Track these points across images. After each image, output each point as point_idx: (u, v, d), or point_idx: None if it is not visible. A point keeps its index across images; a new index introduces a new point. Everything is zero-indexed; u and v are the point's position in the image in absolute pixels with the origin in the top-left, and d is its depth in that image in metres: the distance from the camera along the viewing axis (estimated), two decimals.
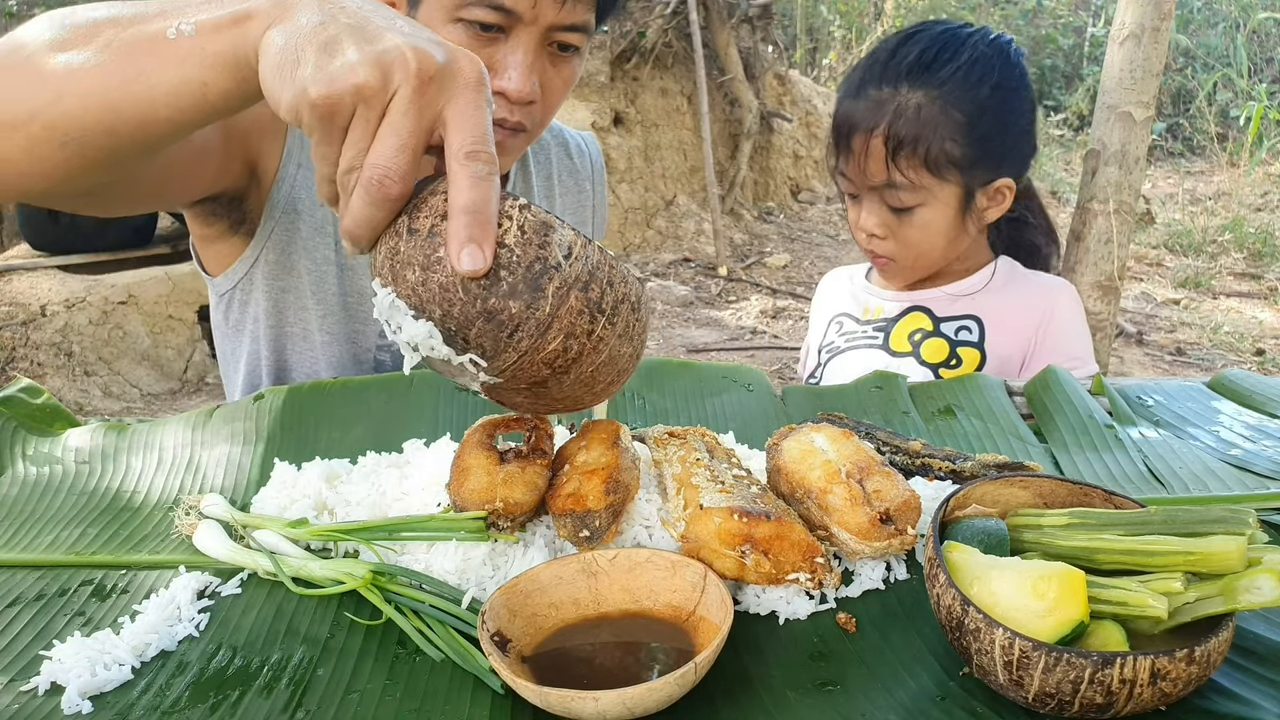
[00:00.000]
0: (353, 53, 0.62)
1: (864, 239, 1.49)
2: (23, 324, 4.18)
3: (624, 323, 0.68)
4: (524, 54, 1.14)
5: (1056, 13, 10.18)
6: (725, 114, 6.72)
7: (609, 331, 0.67)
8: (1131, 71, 2.15)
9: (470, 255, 0.61)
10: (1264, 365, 4.79)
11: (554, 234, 0.64)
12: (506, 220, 0.63)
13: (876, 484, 0.79)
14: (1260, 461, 0.97)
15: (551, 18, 1.13)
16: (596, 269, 0.66)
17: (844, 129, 1.43)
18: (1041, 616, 0.61)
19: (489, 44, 1.14)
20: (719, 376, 1.19)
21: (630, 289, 0.68)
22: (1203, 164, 8.89)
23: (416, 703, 0.66)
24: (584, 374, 0.68)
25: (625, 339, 0.69)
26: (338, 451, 0.99)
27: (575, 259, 0.65)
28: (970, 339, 1.48)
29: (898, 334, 1.52)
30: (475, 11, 1.11)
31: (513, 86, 1.14)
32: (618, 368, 0.70)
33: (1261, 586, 0.59)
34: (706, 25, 6.32)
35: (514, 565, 0.77)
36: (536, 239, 0.64)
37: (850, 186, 1.47)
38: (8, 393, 1.10)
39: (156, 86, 0.74)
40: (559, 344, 0.65)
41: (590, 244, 0.66)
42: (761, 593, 0.74)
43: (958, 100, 1.36)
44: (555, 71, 1.20)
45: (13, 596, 0.80)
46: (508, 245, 0.63)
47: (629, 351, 0.70)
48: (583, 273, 0.65)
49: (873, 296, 1.60)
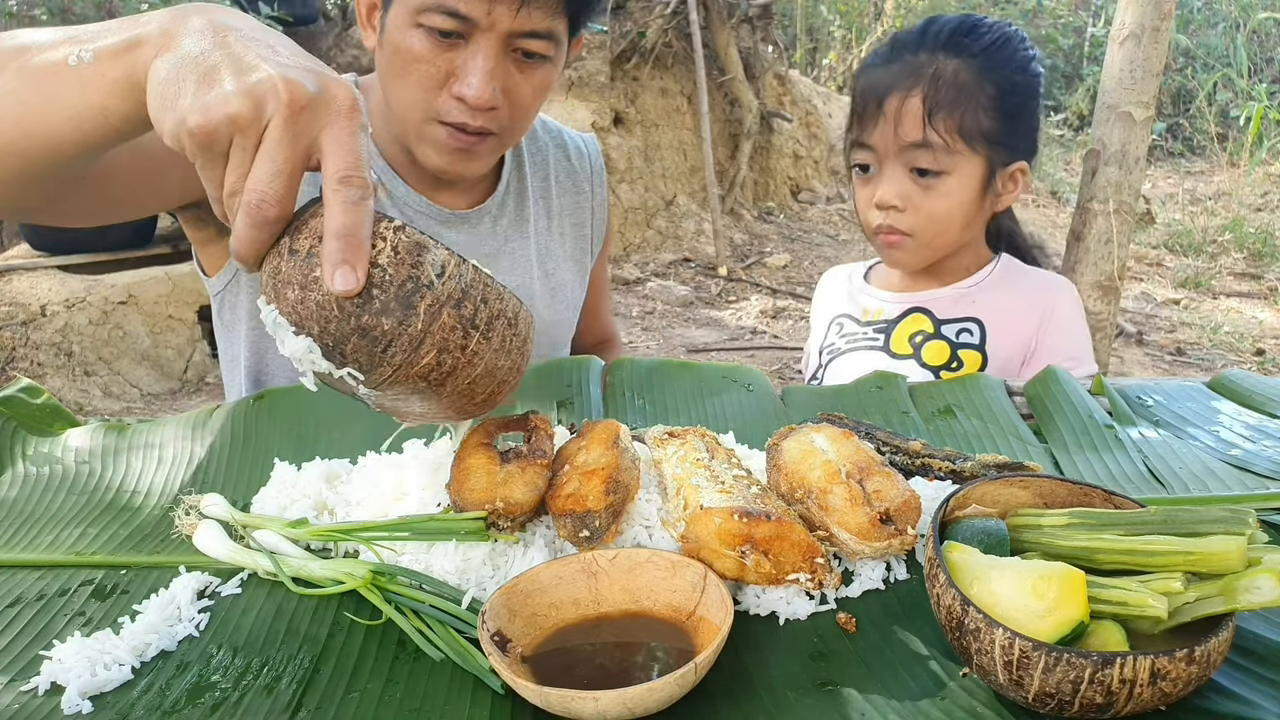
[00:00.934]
0: (229, 83, 0.65)
1: (876, 218, 1.45)
2: (23, 324, 4.18)
3: (500, 337, 0.71)
4: (483, 60, 1.15)
5: (1056, 13, 10.18)
6: (725, 114, 6.72)
7: (484, 346, 0.69)
8: (1131, 71, 2.15)
9: (343, 276, 0.64)
10: (1264, 365, 4.79)
11: (427, 254, 0.67)
12: (380, 241, 0.66)
13: (876, 484, 0.79)
14: (1260, 461, 0.97)
15: (509, 24, 1.14)
16: (470, 287, 0.68)
17: (874, 93, 1.40)
18: (1041, 616, 0.61)
19: (449, 49, 1.16)
20: (719, 376, 1.19)
21: (506, 305, 0.71)
22: (1203, 164, 8.89)
23: (416, 703, 0.66)
24: (461, 386, 0.70)
25: (503, 353, 0.71)
26: (338, 451, 0.99)
27: (448, 278, 0.67)
28: (971, 341, 1.47)
29: (898, 336, 1.51)
30: (433, 18, 1.14)
31: (471, 92, 1.16)
32: (497, 379, 0.73)
33: (1261, 586, 0.59)
34: (706, 25, 6.31)
35: (514, 565, 0.77)
36: (409, 259, 0.66)
37: (870, 157, 1.44)
38: (8, 393, 1.10)
39: (61, 112, 0.77)
40: (432, 358, 0.67)
41: (465, 263, 0.69)
42: (761, 593, 0.74)
43: (990, 73, 1.38)
44: (523, 78, 1.21)
45: (13, 596, 0.80)
46: (380, 265, 0.65)
47: (508, 364, 0.73)
48: (455, 290, 0.67)
49: (871, 298, 1.59)
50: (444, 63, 1.17)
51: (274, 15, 4.92)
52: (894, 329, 1.52)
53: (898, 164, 1.41)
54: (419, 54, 1.17)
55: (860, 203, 1.49)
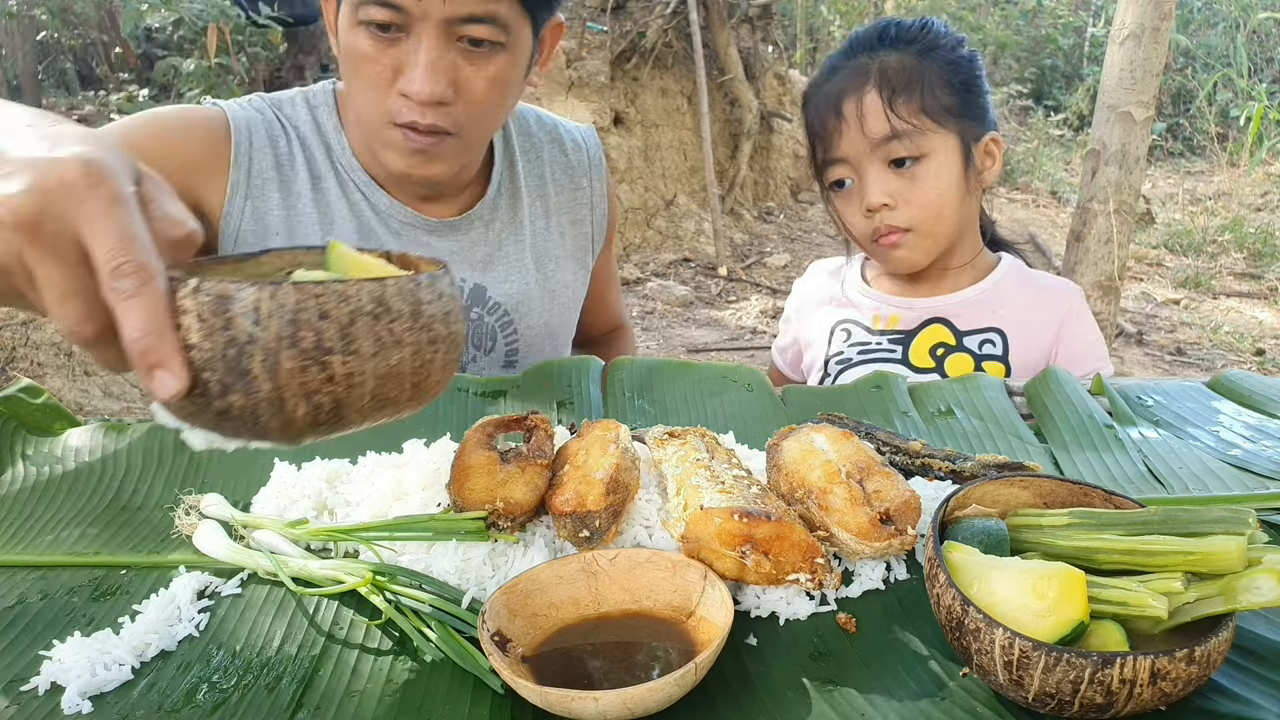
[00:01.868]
0: None
1: (869, 225, 1.41)
2: (23, 324, 4.18)
3: (371, 338, 0.61)
4: (424, 52, 1.11)
5: (1056, 13, 10.18)
6: (725, 114, 6.72)
7: (354, 361, 0.60)
8: (1131, 71, 2.15)
9: (161, 383, 0.57)
10: (1264, 365, 4.79)
11: (234, 304, 0.58)
12: (184, 315, 0.58)
13: (876, 484, 0.79)
14: (1260, 461, 0.97)
15: (441, 10, 1.09)
16: (299, 313, 0.58)
17: (828, 106, 1.40)
18: (1041, 616, 0.61)
19: (391, 45, 1.13)
20: (719, 377, 1.19)
21: (362, 298, 0.60)
22: (1203, 164, 8.89)
23: (417, 703, 0.66)
24: (364, 407, 0.63)
25: (392, 347, 0.62)
26: (338, 452, 0.99)
27: (268, 319, 0.58)
28: (995, 352, 1.45)
29: (918, 348, 1.47)
30: (369, 11, 1.10)
31: (414, 88, 1.12)
32: (407, 369, 0.63)
33: (1261, 586, 0.59)
34: (706, 25, 6.31)
35: (514, 565, 0.77)
36: (219, 321, 0.58)
37: (845, 170, 1.41)
38: (8, 393, 1.10)
39: None
40: (306, 408, 0.60)
41: (279, 288, 0.58)
42: (762, 593, 0.74)
43: (929, 55, 1.39)
44: (474, 70, 1.15)
45: (14, 597, 0.80)
46: (194, 344, 0.58)
47: (408, 353, 0.63)
48: (282, 329, 0.58)
49: (877, 302, 1.53)
50: (389, 60, 1.14)
51: (274, 15, 4.92)
52: (913, 340, 1.47)
53: (875, 164, 1.38)
54: (364, 52, 1.14)
55: (848, 219, 1.45)
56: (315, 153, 1.33)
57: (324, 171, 1.32)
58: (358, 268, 0.71)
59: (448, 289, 0.66)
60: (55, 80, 6.74)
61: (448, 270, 0.68)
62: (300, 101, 1.35)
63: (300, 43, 5.67)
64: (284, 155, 1.31)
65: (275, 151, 1.30)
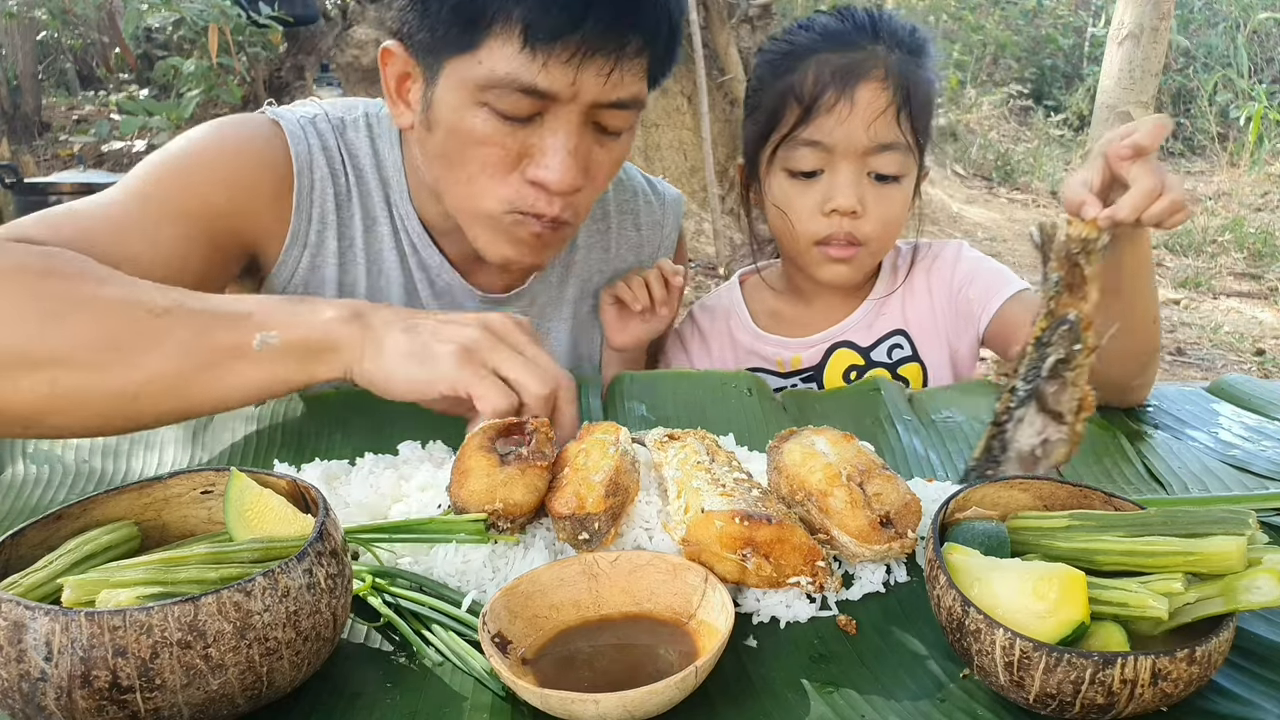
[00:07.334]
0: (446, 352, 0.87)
1: (825, 227, 1.26)
2: None
3: (182, 668, 0.55)
4: (565, 137, 0.99)
5: (1056, 13, 10.18)
6: (725, 114, 6.71)
7: (160, 695, 0.55)
8: (1131, 71, 2.15)
9: None
10: (1264, 365, 4.79)
11: (26, 635, 0.54)
12: None
13: (877, 487, 0.79)
14: (1259, 462, 0.98)
15: (594, 94, 0.98)
16: (92, 647, 0.53)
17: (832, 78, 1.21)
18: (1042, 618, 0.61)
19: (520, 128, 1.00)
20: (719, 381, 1.19)
21: (168, 626, 0.54)
22: (1203, 164, 8.88)
23: (417, 705, 0.66)
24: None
25: (209, 674, 0.56)
26: (337, 453, 0.99)
27: (60, 654, 0.53)
28: (905, 354, 1.37)
29: (831, 379, 1.39)
30: (504, 101, 0.97)
31: (553, 177, 1.00)
32: (234, 693, 0.58)
33: (1261, 586, 0.59)
34: (706, 25, 6.32)
35: (514, 567, 0.77)
36: (14, 652, 0.54)
37: (821, 159, 1.24)
38: None
39: (237, 385, 0.89)
40: None
41: (74, 621, 0.54)
42: (762, 596, 0.75)
43: (924, 66, 1.28)
44: (604, 153, 1.06)
45: None
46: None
47: (233, 675, 0.57)
48: (74, 666, 0.53)
49: (780, 348, 1.41)
50: (515, 143, 1.01)
51: (274, 15, 4.92)
52: (823, 373, 1.39)
53: (854, 165, 1.24)
54: (483, 136, 1.01)
55: (800, 211, 1.27)
56: (372, 191, 1.21)
57: (379, 214, 1.22)
58: (252, 511, 0.69)
59: (304, 577, 0.60)
60: (55, 80, 6.74)
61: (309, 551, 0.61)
62: (363, 124, 1.22)
63: (300, 43, 5.67)
64: (342, 194, 1.20)
65: (335, 188, 1.19)
